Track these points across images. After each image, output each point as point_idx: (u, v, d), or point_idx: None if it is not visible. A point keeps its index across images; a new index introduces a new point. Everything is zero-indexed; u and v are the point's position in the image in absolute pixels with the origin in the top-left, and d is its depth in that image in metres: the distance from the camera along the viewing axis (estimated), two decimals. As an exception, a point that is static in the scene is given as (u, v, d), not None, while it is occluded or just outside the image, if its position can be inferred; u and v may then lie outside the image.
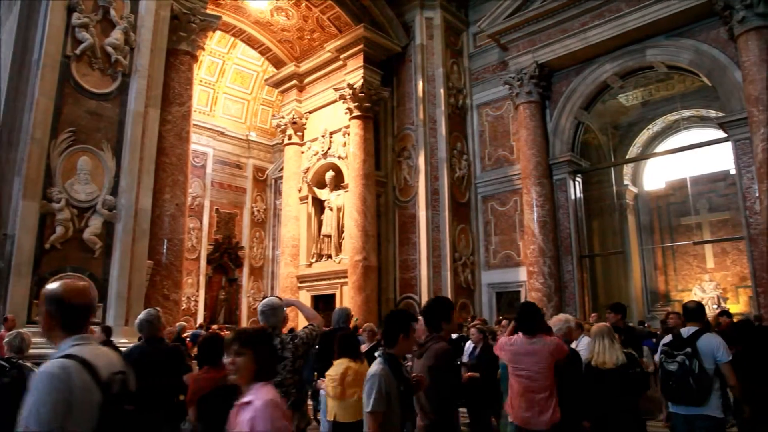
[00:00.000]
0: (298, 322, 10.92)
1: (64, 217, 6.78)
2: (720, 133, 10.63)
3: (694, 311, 4.09)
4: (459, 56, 13.89)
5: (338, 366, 4.19)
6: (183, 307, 12.83)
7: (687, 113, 14.79)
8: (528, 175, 11.81)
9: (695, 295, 14.91)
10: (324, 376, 4.42)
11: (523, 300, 11.83)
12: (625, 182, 15.73)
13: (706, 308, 7.70)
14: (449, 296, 12.03)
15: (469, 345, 6.79)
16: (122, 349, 6.19)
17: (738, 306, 14.34)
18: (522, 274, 12.07)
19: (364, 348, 5.67)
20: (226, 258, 17.81)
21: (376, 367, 2.70)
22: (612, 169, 14.24)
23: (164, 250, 8.99)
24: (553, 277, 11.26)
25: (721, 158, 13.72)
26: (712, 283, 15.11)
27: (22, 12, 7.10)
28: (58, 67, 7.04)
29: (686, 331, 3.94)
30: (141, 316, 4.24)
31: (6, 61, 7.18)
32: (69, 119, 7.08)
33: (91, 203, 7.08)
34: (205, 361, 3.61)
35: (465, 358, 6.56)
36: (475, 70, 13.87)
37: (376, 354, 2.90)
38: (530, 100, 12.07)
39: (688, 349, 3.78)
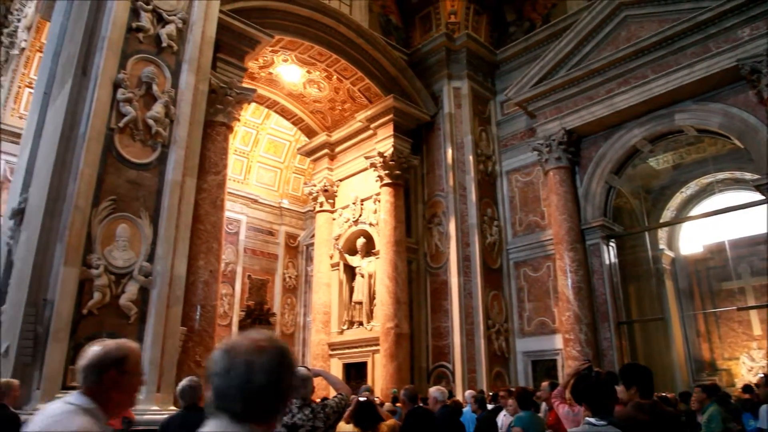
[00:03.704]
0: (329, 392, 10.73)
1: (102, 283, 6.91)
2: (757, 195, 10.45)
3: None
4: (487, 124, 14.13)
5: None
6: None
7: (721, 176, 14.61)
8: (560, 241, 11.70)
9: (744, 364, 14.23)
10: None
11: (560, 369, 11.48)
12: (661, 246, 15.42)
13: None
14: (483, 365, 11.75)
15: (504, 417, 6.56)
16: (156, 417, 6.16)
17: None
18: (558, 341, 11.74)
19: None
20: (257, 325, 17.78)
21: None
22: (647, 233, 14.01)
23: (197, 317, 9.04)
24: (591, 345, 10.92)
25: (759, 221, 13.40)
26: (761, 351, 14.42)
27: (73, 89, 7.52)
28: (103, 139, 7.36)
29: None
30: (183, 382, 4.25)
31: (54, 135, 7.56)
32: (110, 188, 7.34)
33: (128, 269, 7.22)
34: None
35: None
36: (503, 137, 14.07)
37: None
38: (559, 165, 12.12)
39: None
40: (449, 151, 13.44)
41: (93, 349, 1.75)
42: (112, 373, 1.69)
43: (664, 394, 8.89)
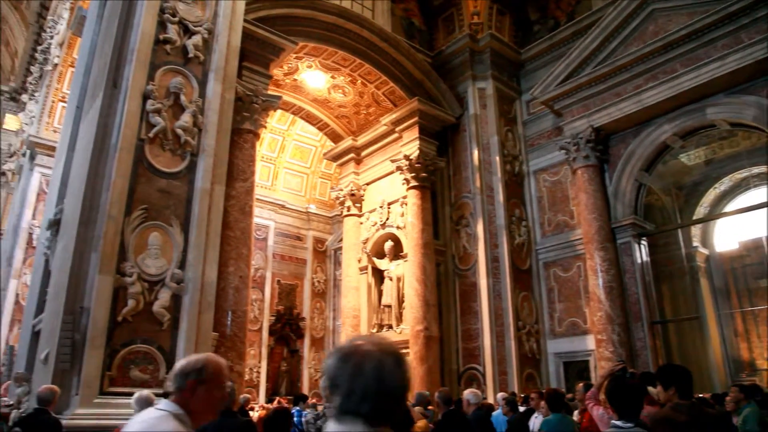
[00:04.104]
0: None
1: (135, 290, 7.04)
2: (794, 190, 10.17)
3: None
4: (513, 124, 14.03)
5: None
6: (246, 379, 12.90)
7: (756, 170, 14.23)
8: (590, 240, 11.54)
9: (784, 363, 13.82)
10: None
11: (593, 370, 11.31)
12: (695, 244, 15.09)
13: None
14: (514, 366, 11.65)
15: (536, 419, 6.48)
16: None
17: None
18: (590, 342, 11.57)
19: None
20: (287, 329, 17.95)
21: None
22: (679, 230, 13.73)
23: (228, 322, 9.16)
24: (624, 346, 10.73)
25: (797, 216, 13.02)
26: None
27: (104, 102, 7.71)
28: (134, 150, 7.52)
29: None
30: None
31: (87, 147, 7.75)
32: (141, 197, 7.48)
33: (161, 277, 7.35)
34: None
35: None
36: (530, 137, 13.94)
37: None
38: (588, 164, 11.97)
39: None
40: (475, 152, 13.37)
41: (181, 360, 1.93)
42: (192, 382, 1.82)
43: (701, 395, 8.69)
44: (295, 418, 9.68)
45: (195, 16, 8.63)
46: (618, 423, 2.81)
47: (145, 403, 4.59)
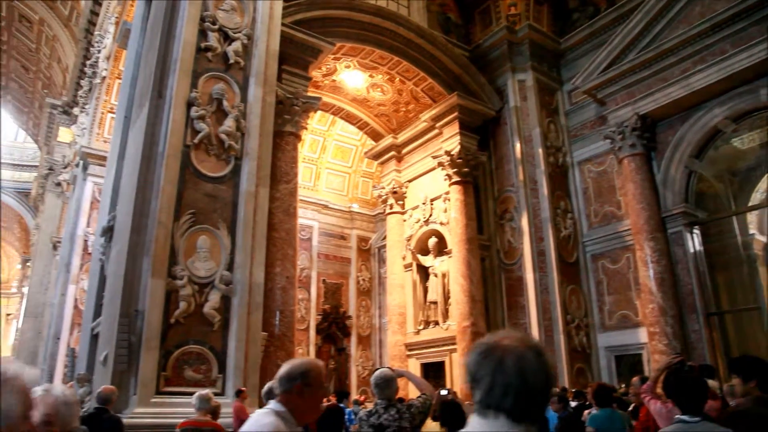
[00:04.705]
0: (408, 391, 10.77)
1: (186, 293, 7.24)
2: None
3: None
4: (555, 115, 13.77)
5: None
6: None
7: (815, 152, 13.59)
8: (639, 230, 11.23)
9: None
10: None
11: (647, 363, 11.03)
12: (751, 231, 14.46)
13: None
14: (564, 361, 11.46)
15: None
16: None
17: None
18: (642, 335, 11.27)
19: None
20: (334, 328, 18.11)
21: None
22: (734, 218, 13.22)
23: (277, 322, 9.32)
24: (678, 338, 10.41)
25: None
26: None
27: (150, 111, 7.96)
28: (180, 156, 7.74)
29: None
30: (266, 388, 4.44)
31: (136, 156, 8.00)
32: (189, 202, 7.69)
33: (210, 279, 7.54)
34: None
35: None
36: (572, 127, 13.66)
37: None
38: (634, 152, 11.64)
39: None
40: (517, 145, 13.20)
41: (286, 363, 2.12)
42: (298, 385, 1.99)
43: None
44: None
45: (234, 22, 8.80)
46: (684, 417, 2.72)
47: (205, 402, 4.73)
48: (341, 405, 9.94)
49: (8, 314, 41.23)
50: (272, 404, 2.00)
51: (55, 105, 22.44)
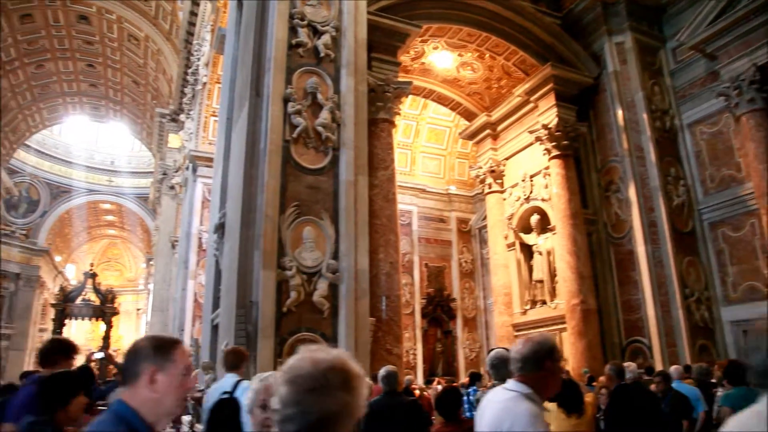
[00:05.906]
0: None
1: (296, 282, 7.51)
2: None
3: None
4: (659, 76, 12.86)
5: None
6: (404, 361, 13.26)
7: None
8: (763, 194, 10.29)
9: None
10: None
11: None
12: None
13: None
14: (684, 338, 10.80)
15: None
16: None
17: None
18: (774, 306, 10.38)
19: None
20: (439, 311, 18.17)
21: None
22: None
23: (383, 307, 9.47)
24: (818, 308, 9.51)
25: None
26: None
27: (250, 110, 8.29)
28: (281, 151, 8.00)
29: None
30: (385, 370, 4.56)
31: (240, 154, 8.38)
32: (292, 195, 7.94)
33: (317, 268, 7.77)
34: (445, 414, 3.66)
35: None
36: (679, 88, 12.70)
37: None
38: (753, 108, 10.66)
39: None
40: (619, 112, 12.48)
41: (527, 344, 2.11)
42: (548, 363, 2.00)
43: None
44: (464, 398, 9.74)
45: (321, 16, 8.95)
46: None
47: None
48: (474, 387, 9.78)
49: (138, 309, 44.99)
50: (513, 384, 1.98)
51: (163, 114, 24.03)
